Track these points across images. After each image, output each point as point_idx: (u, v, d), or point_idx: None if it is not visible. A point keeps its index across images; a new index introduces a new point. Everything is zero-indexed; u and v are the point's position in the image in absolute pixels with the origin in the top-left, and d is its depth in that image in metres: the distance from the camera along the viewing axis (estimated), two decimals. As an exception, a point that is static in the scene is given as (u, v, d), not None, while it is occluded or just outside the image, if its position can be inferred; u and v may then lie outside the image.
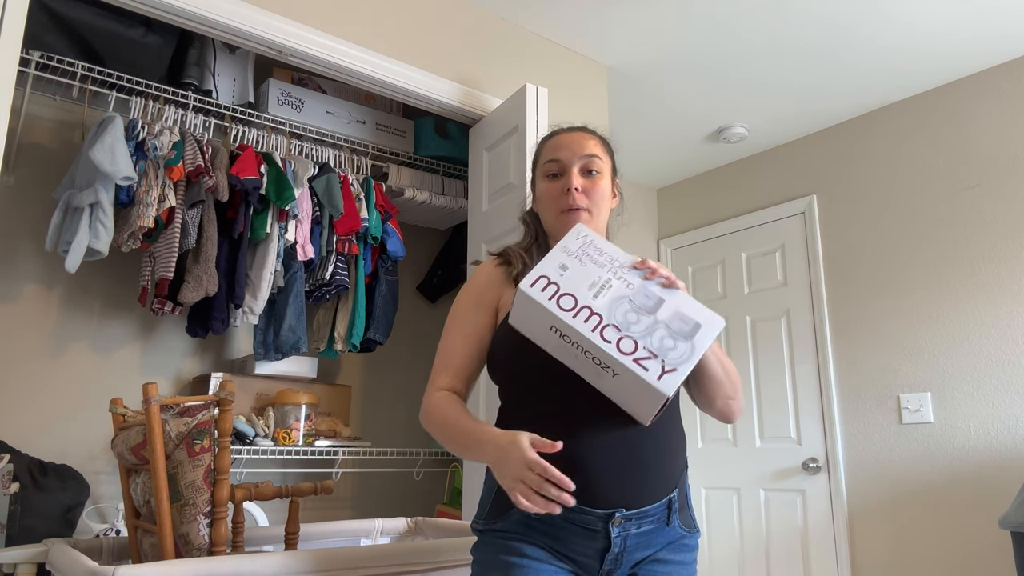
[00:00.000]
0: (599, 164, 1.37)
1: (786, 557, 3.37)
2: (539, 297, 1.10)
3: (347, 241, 2.55)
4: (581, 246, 1.17)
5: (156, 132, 2.25)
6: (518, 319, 1.18)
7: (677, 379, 1.06)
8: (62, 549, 1.46)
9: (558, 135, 1.41)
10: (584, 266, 1.14)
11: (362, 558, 1.44)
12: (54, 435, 2.32)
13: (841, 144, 3.49)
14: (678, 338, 1.09)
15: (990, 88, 3.01)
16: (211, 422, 1.52)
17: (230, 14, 2.08)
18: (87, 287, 2.45)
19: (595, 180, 1.36)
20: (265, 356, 2.50)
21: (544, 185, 1.39)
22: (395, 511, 2.95)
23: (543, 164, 1.40)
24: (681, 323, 1.10)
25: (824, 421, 3.33)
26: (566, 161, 1.36)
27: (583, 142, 1.37)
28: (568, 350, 1.13)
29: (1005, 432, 2.79)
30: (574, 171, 1.35)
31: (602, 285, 1.12)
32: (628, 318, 1.09)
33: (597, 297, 1.11)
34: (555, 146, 1.39)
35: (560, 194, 1.35)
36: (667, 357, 1.07)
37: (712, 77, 3.11)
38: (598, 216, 1.36)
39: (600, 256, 1.16)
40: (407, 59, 2.45)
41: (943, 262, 3.04)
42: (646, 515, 1.19)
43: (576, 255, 1.15)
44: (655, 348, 1.07)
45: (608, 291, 1.12)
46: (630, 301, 1.11)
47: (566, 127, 1.44)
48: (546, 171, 1.38)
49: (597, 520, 1.17)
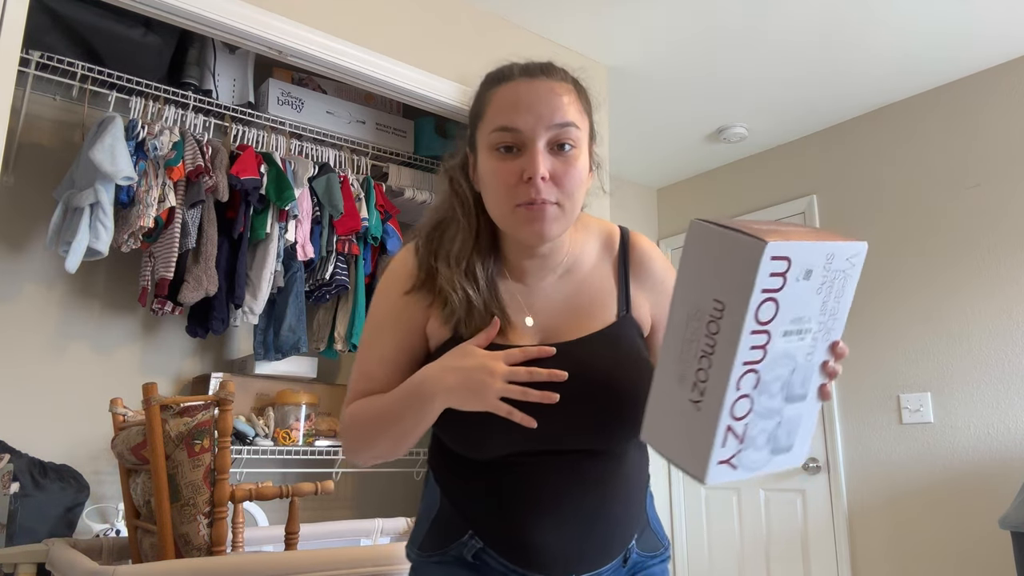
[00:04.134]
0: (575, 135, 0.94)
1: (786, 557, 3.37)
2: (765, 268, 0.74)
3: (347, 241, 2.55)
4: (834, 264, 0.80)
5: (156, 132, 2.25)
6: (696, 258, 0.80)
7: (727, 477, 0.82)
8: (62, 549, 1.46)
9: (515, 82, 0.96)
10: (814, 294, 0.79)
11: (362, 558, 1.44)
12: (54, 435, 2.32)
13: (841, 144, 3.49)
14: (770, 444, 0.84)
15: (990, 88, 3.00)
16: (211, 422, 1.52)
17: (230, 14, 2.07)
18: (87, 287, 2.45)
19: (568, 160, 0.94)
20: (265, 356, 2.50)
21: (492, 162, 0.95)
22: (395, 511, 2.95)
23: (491, 130, 0.95)
24: (787, 433, 0.85)
25: (824, 421, 3.33)
26: (527, 133, 0.92)
27: (553, 101, 0.93)
28: (690, 337, 0.81)
29: (1005, 432, 2.79)
30: (539, 148, 0.92)
31: (801, 331, 0.81)
32: (771, 386, 0.81)
33: (785, 337, 0.80)
34: (511, 103, 0.94)
35: (517, 182, 0.93)
36: (743, 452, 0.82)
37: (712, 77, 3.11)
38: (571, 211, 0.96)
39: (831, 295, 0.81)
40: (407, 59, 2.45)
41: (943, 262, 3.04)
42: (601, 574, 0.99)
43: (823, 272, 0.79)
44: (750, 435, 0.82)
45: (797, 343, 0.81)
46: (792, 371, 0.82)
47: (525, 66, 0.97)
48: (496, 141, 0.94)
49: None
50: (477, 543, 0.99)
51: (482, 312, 0.98)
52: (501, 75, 0.98)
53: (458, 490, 1.02)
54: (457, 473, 1.02)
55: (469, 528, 0.99)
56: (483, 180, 0.98)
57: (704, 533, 3.72)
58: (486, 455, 0.97)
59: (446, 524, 1.02)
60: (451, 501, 1.02)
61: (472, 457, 0.99)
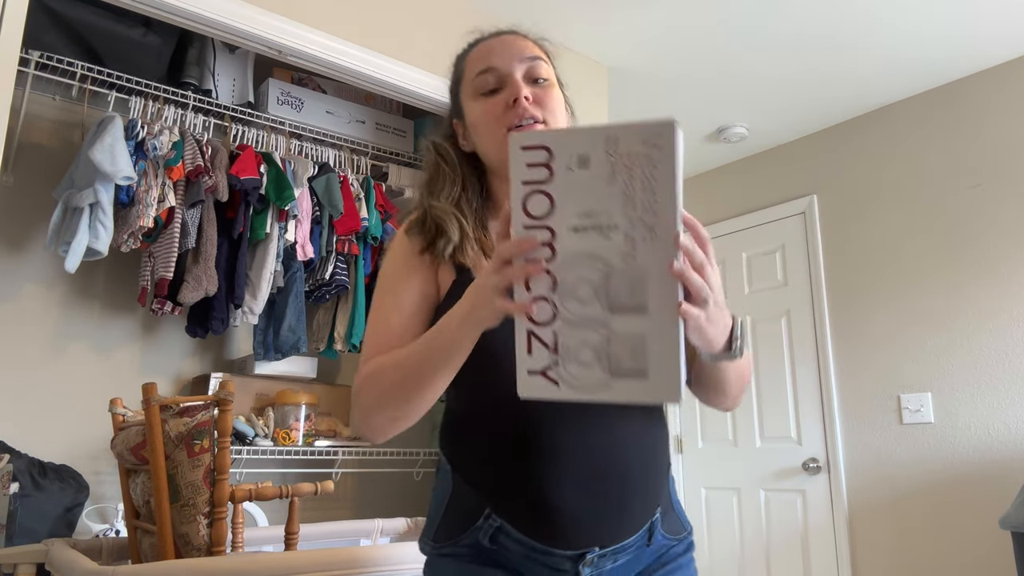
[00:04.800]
0: (546, 70, 1.08)
1: (786, 557, 3.37)
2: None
3: (347, 241, 2.55)
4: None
5: (156, 132, 2.25)
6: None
7: (550, 394, 0.76)
8: (62, 549, 1.46)
9: (486, 40, 1.11)
10: (605, 184, 0.73)
11: (362, 558, 1.44)
12: (54, 435, 2.32)
13: (841, 144, 3.49)
14: (604, 363, 0.74)
15: (990, 88, 3.00)
16: (211, 422, 1.52)
17: (230, 14, 2.07)
18: (87, 287, 2.45)
19: (545, 88, 1.06)
20: (265, 356, 2.50)
21: (479, 106, 1.05)
22: (395, 511, 2.95)
23: (473, 80, 1.07)
24: (631, 353, 0.74)
25: (824, 421, 3.33)
26: (504, 68, 1.05)
27: (520, 43, 1.09)
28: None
29: (1005, 432, 2.79)
30: (517, 77, 1.04)
31: (600, 227, 0.74)
32: (577, 290, 0.74)
33: (577, 234, 0.74)
34: (485, 52, 1.08)
35: (504, 110, 1.02)
36: (563, 366, 0.75)
37: (712, 77, 3.11)
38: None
39: (635, 186, 0.72)
40: (407, 59, 2.45)
41: (943, 262, 3.04)
42: (624, 548, 0.99)
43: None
44: (565, 345, 0.75)
45: (601, 241, 0.73)
46: (607, 275, 0.74)
47: (491, 32, 1.13)
48: (478, 87, 1.06)
49: (565, 560, 0.97)
50: (495, 522, 0.98)
51: (474, 244, 1.01)
52: (474, 41, 1.13)
53: (473, 465, 1.02)
54: (472, 446, 1.02)
55: (486, 507, 0.98)
56: (475, 125, 1.06)
57: (704, 533, 3.71)
58: (500, 392, 0.90)
59: (461, 507, 1.01)
60: (466, 480, 1.01)
61: (486, 410, 0.99)
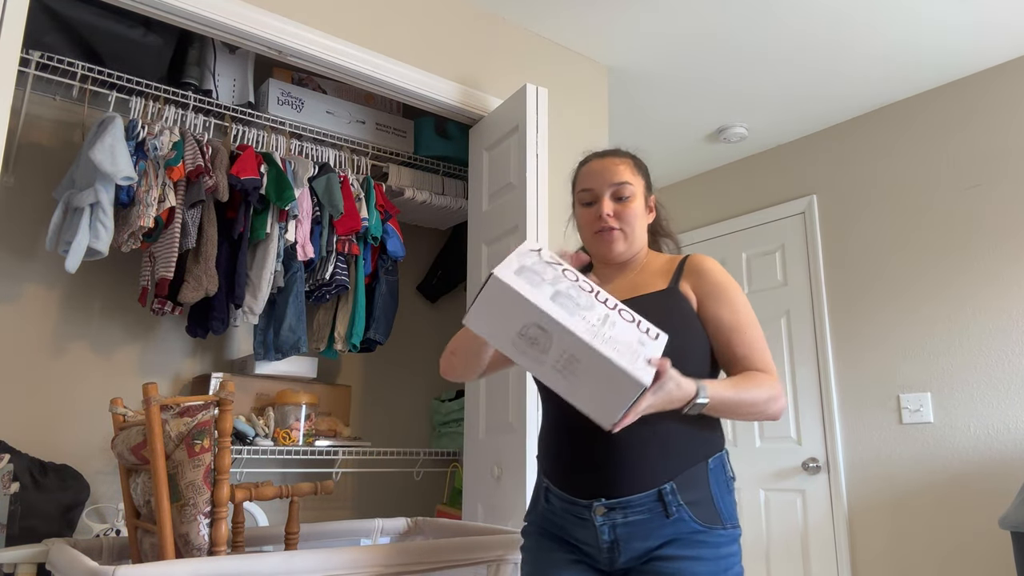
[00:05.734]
0: (630, 189, 1.44)
1: (786, 557, 3.37)
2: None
3: (347, 241, 2.55)
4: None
5: (156, 132, 2.25)
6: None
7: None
8: (62, 549, 1.46)
9: (591, 162, 1.49)
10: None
11: (362, 558, 1.44)
12: (54, 435, 2.32)
13: (841, 144, 3.49)
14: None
15: (990, 88, 3.01)
16: (211, 422, 1.52)
17: (230, 14, 2.08)
18: (87, 287, 2.45)
19: (626, 204, 1.44)
20: (265, 356, 2.50)
21: (580, 211, 1.49)
22: (395, 511, 2.95)
23: (578, 192, 1.48)
24: None
25: (824, 421, 3.33)
26: (597, 190, 1.44)
27: (613, 168, 1.44)
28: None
29: (1005, 432, 2.79)
30: (605, 199, 1.43)
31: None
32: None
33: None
34: (588, 174, 1.47)
35: (594, 219, 1.45)
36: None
37: (712, 77, 3.12)
38: (632, 234, 1.44)
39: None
40: (407, 59, 2.45)
41: (943, 262, 3.04)
42: (631, 505, 1.25)
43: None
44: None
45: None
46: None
47: (599, 152, 1.51)
48: (581, 199, 1.48)
49: (584, 509, 1.28)
50: (544, 482, 1.38)
51: None
52: (584, 159, 1.52)
53: (540, 451, 1.42)
54: (540, 440, 1.42)
55: (543, 475, 1.39)
56: (578, 222, 1.50)
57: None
58: (552, 411, 1.38)
59: (537, 484, 1.43)
60: (539, 465, 1.42)
61: (546, 422, 1.40)
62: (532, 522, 1.40)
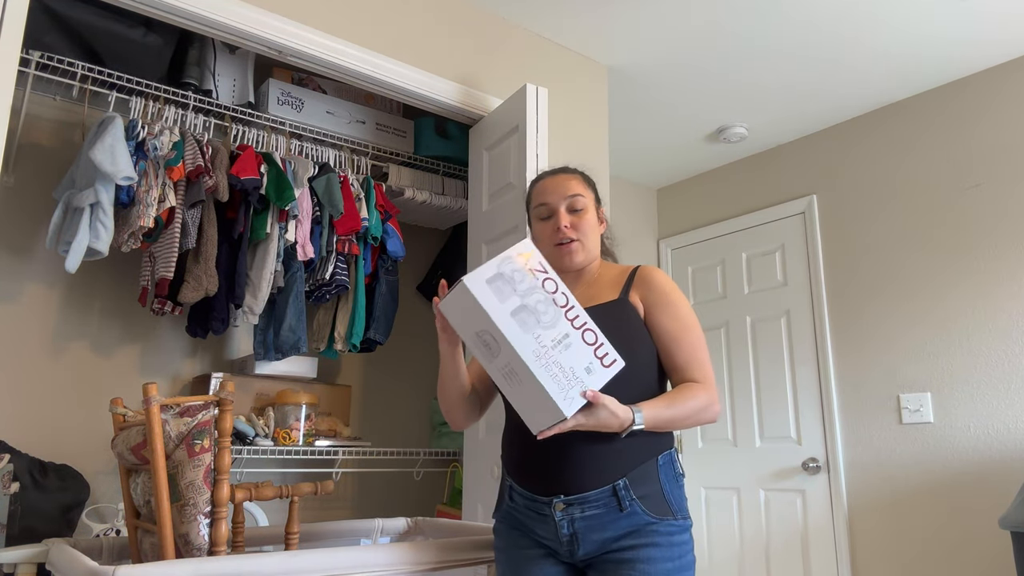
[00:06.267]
0: (583, 201, 1.55)
1: (786, 557, 3.37)
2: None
3: (347, 241, 2.55)
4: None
5: (156, 132, 2.25)
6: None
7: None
8: (62, 549, 1.46)
9: (544, 180, 1.60)
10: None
11: (362, 558, 1.44)
12: (54, 435, 2.32)
13: (841, 144, 3.49)
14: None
15: (990, 88, 3.00)
16: (211, 422, 1.52)
17: (230, 14, 2.08)
18: (87, 287, 2.46)
19: (580, 215, 1.54)
20: (265, 356, 2.50)
21: (538, 226, 1.59)
22: (395, 511, 2.95)
23: (534, 208, 1.59)
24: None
25: (824, 421, 3.33)
26: (553, 204, 1.55)
27: (566, 183, 1.55)
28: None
29: (1005, 432, 2.79)
30: (561, 211, 1.53)
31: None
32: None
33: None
34: (542, 191, 1.57)
35: (552, 231, 1.54)
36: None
37: (712, 77, 3.12)
38: (587, 244, 1.54)
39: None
40: (407, 59, 2.45)
41: (943, 262, 3.04)
42: (587, 500, 1.34)
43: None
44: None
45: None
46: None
47: (549, 170, 1.63)
48: (538, 215, 1.58)
49: (544, 506, 1.38)
50: (508, 481, 1.48)
51: None
52: (537, 178, 1.63)
53: (502, 449, 1.51)
54: (503, 442, 1.51)
55: (506, 474, 1.48)
56: (536, 237, 1.60)
57: (704, 533, 3.72)
58: (511, 414, 1.48)
59: (502, 482, 1.52)
60: (504, 466, 1.50)
61: (507, 424, 1.49)
62: (500, 519, 1.50)
